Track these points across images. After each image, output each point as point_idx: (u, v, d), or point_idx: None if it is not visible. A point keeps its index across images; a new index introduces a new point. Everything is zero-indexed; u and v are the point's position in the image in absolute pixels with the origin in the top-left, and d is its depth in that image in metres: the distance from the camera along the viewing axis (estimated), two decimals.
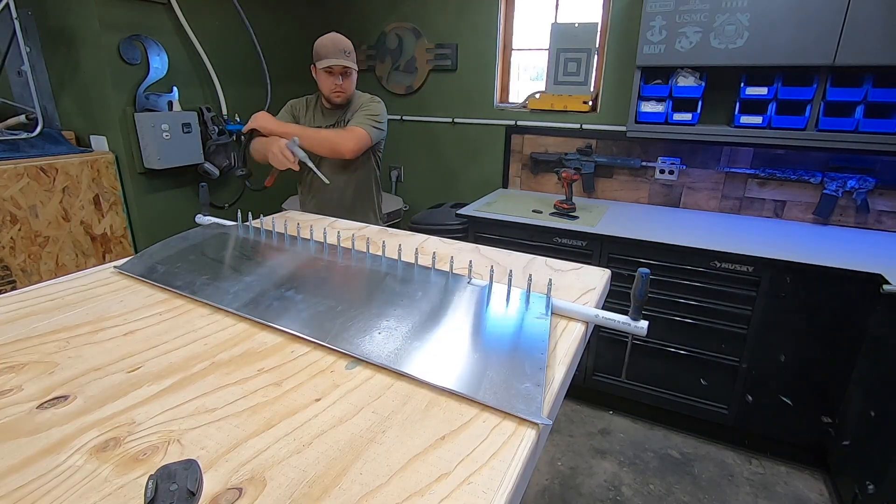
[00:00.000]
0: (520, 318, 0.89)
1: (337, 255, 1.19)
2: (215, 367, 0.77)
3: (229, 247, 1.24)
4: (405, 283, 1.03)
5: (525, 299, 0.94)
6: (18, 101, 2.19)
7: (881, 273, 1.70)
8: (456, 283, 1.02)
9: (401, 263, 1.12)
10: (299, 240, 1.27)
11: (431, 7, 2.87)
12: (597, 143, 2.67)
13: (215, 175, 2.52)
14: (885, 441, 1.60)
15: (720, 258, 1.97)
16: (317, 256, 1.18)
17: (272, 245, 1.25)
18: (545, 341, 0.79)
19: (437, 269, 1.08)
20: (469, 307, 0.94)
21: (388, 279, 1.05)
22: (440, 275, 1.06)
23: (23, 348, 0.81)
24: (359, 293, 1.00)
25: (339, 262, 1.15)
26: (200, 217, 1.46)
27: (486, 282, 1.01)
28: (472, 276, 1.04)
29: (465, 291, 0.99)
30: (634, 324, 0.84)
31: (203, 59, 2.45)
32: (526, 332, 0.84)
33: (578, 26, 2.56)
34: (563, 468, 2.08)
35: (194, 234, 1.31)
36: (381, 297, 0.96)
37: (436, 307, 0.93)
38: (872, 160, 2.16)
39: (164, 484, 0.53)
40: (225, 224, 1.39)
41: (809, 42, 1.90)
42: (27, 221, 1.94)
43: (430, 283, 1.03)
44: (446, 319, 0.89)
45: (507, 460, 0.58)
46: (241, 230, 1.34)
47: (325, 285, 1.03)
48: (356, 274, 1.10)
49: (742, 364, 2.04)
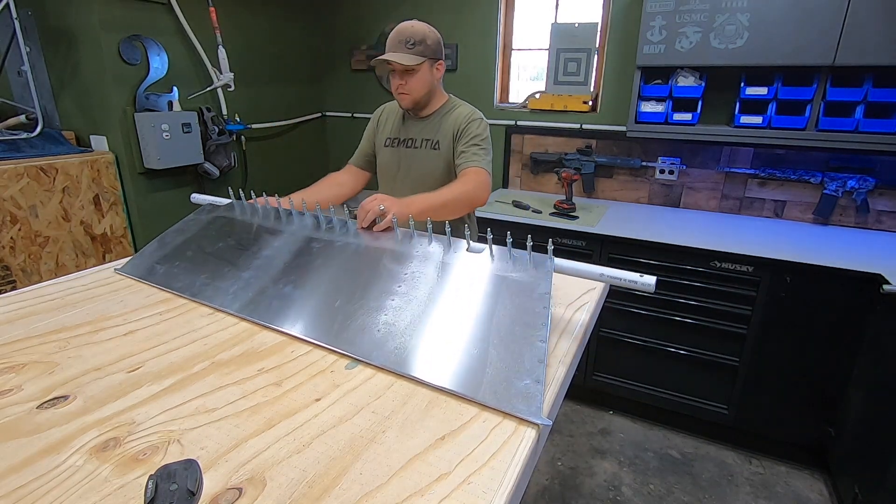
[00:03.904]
0: (521, 294, 0.85)
1: (334, 231, 1.13)
2: (215, 367, 0.77)
3: (225, 235, 1.21)
4: (402, 260, 0.99)
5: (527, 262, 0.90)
6: (18, 101, 2.19)
7: (881, 273, 1.70)
8: (454, 252, 0.98)
9: (397, 233, 1.08)
10: (295, 216, 1.22)
11: (431, 7, 2.87)
12: (597, 143, 2.67)
13: (215, 175, 2.52)
14: (885, 441, 1.60)
15: (720, 258, 1.97)
16: (312, 236, 1.13)
17: (268, 227, 1.20)
18: (546, 326, 0.77)
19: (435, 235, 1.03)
20: (467, 285, 0.90)
21: (385, 257, 1.01)
22: (437, 243, 1.01)
23: (23, 348, 0.82)
24: (356, 280, 0.97)
25: (336, 240, 1.10)
26: (196, 196, 1.42)
27: (485, 246, 0.97)
28: (469, 242, 0.99)
29: (465, 262, 0.95)
30: (641, 280, 0.82)
31: (203, 58, 2.45)
32: (527, 314, 0.81)
33: (578, 26, 2.56)
34: (563, 468, 2.08)
35: (189, 223, 1.29)
36: (379, 284, 0.94)
37: (434, 288, 0.90)
38: (872, 160, 2.16)
39: (164, 484, 0.53)
40: (219, 203, 1.35)
41: (809, 42, 1.90)
42: (27, 221, 1.94)
43: (428, 255, 0.99)
44: (445, 304, 0.87)
45: (507, 460, 0.58)
46: (236, 209, 1.30)
47: (322, 275, 1.00)
48: (353, 254, 1.05)
49: (742, 364, 2.04)
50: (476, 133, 1.53)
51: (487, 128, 1.57)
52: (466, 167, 1.49)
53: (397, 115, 1.67)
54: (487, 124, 1.58)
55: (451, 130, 1.56)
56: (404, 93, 1.52)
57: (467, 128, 1.54)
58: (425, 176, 1.60)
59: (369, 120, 1.74)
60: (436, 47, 1.51)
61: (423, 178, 1.60)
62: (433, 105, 1.60)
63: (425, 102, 1.57)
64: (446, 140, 1.56)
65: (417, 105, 1.56)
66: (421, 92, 1.53)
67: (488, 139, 1.56)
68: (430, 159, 1.59)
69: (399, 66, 1.46)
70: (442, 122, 1.58)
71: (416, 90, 1.51)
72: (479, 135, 1.54)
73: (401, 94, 1.53)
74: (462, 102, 1.63)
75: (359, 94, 3.27)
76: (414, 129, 1.62)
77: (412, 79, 1.49)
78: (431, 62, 1.51)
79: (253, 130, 2.82)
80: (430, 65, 1.51)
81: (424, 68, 1.49)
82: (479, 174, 1.47)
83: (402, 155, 1.63)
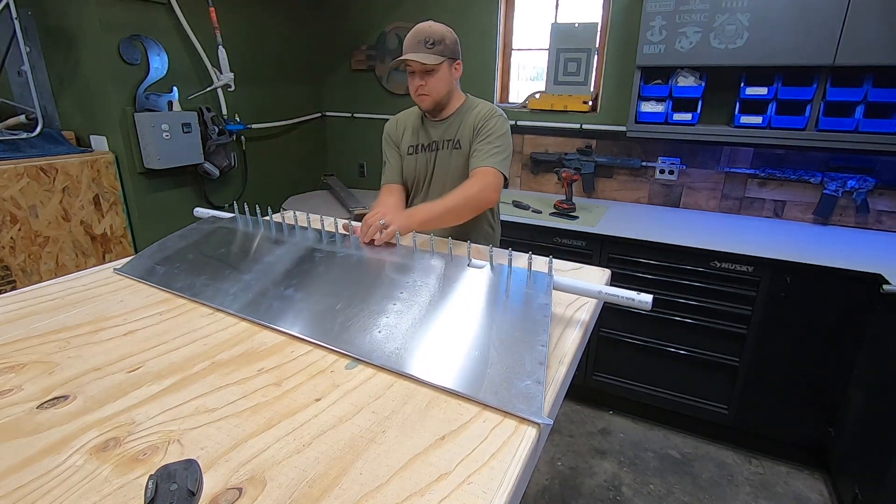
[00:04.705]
0: (521, 304, 0.87)
1: (336, 243, 1.15)
2: (215, 367, 0.77)
3: (227, 243, 1.22)
4: (404, 271, 1.00)
5: (527, 279, 0.92)
6: (18, 101, 2.19)
7: (881, 273, 1.70)
8: (455, 267, 0.99)
9: (399, 248, 1.10)
10: (297, 229, 1.23)
11: (431, 7, 2.87)
12: (597, 143, 2.67)
13: (215, 175, 2.52)
14: (885, 441, 1.60)
15: (720, 258, 1.97)
16: (315, 247, 1.15)
17: (270, 237, 1.22)
18: (546, 332, 0.78)
19: (437, 251, 1.05)
20: (469, 295, 0.92)
21: (388, 268, 1.03)
22: (439, 258, 1.03)
23: (23, 348, 0.81)
24: (358, 287, 0.98)
25: (338, 251, 1.12)
26: (199, 210, 1.45)
27: (485, 262, 0.98)
28: (471, 258, 1.01)
29: (465, 276, 0.97)
30: (639, 297, 0.84)
31: (203, 58, 2.45)
32: (527, 321, 0.82)
33: (578, 26, 2.56)
34: (563, 468, 2.08)
35: (191, 231, 1.30)
36: (381, 290, 0.95)
37: (435, 297, 0.91)
38: (872, 160, 2.16)
39: (164, 484, 0.53)
40: (222, 217, 1.37)
41: (809, 42, 1.90)
42: (27, 221, 1.94)
43: (430, 268, 1.00)
44: (446, 311, 0.88)
45: (507, 460, 0.58)
46: (239, 222, 1.32)
47: (324, 280, 1.02)
48: (355, 264, 1.07)
49: (742, 364, 2.04)
50: (492, 130, 1.50)
51: (506, 124, 1.53)
52: (476, 167, 1.48)
53: (414, 122, 1.64)
54: (507, 121, 1.55)
55: (471, 128, 1.53)
56: (425, 94, 1.49)
57: (485, 125, 1.51)
58: (451, 177, 1.57)
59: (384, 138, 1.69)
60: (454, 47, 1.49)
61: (449, 180, 1.57)
62: (452, 106, 1.57)
63: (445, 103, 1.54)
64: (466, 138, 1.54)
65: (437, 106, 1.53)
66: (441, 92, 1.50)
67: (506, 136, 1.52)
68: (454, 159, 1.57)
69: (419, 66, 1.44)
70: (462, 121, 1.56)
71: (436, 90, 1.48)
72: (496, 132, 1.50)
73: (420, 95, 1.50)
74: (480, 101, 1.59)
75: (359, 94, 3.27)
76: (434, 132, 1.59)
77: (432, 79, 1.47)
78: (450, 62, 1.49)
79: (253, 130, 2.82)
80: (449, 64, 1.48)
81: (444, 68, 1.47)
82: (487, 175, 1.45)
83: (427, 159, 1.60)
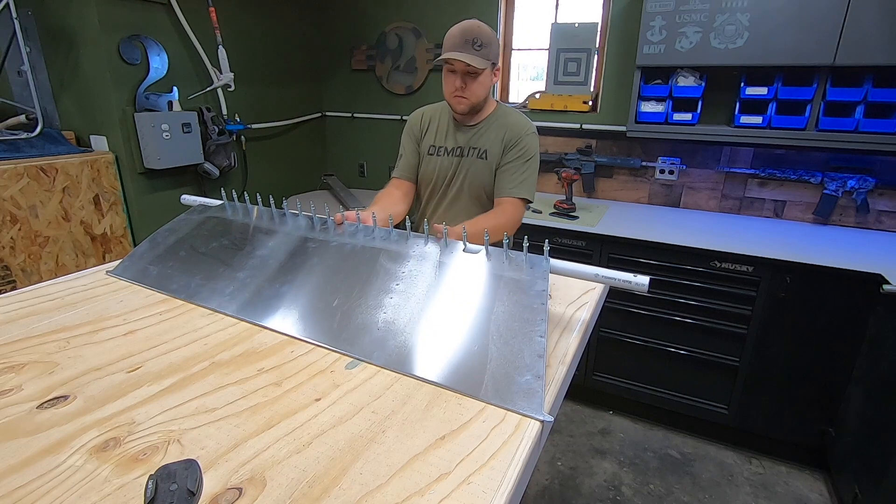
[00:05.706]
0: (519, 291, 0.85)
1: (328, 230, 1.12)
2: (215, 367, 0.77)
3: (218, 235, 1.19)
4: (399, 259, 0.98)
5: (524, 263, 0.90)
6: (18, 101, 2.19)
7: (881, 273, 1.70)
8: (450, 253, 0.98)
9: (394, 234, 1.06)
10: (288, 216, 1.20)
11: (431, 7, 2.86)
12: (597, 143, 2.67)
13: (215, 175, 2.52)
14: (885, 441, 1.60)
15: (720, 258, 1.97)
16: (307, 235, 1.12)
17: (261, 227, 1.18)
18: (545, 321, 0.77)
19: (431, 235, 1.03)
20: (466, 283, 0.90)
21: (382, 257, 1.00)
22: (434, 243, 1.01)
23: (23, 348, 0.81)
24: (354, 279, 0.96)
25: (331, 240, 1.09)
26: (186, 197, 1.39)
27: (481, 247, 0.96)
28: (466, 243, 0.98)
29: (461, 262, 0.95)
30: (636, 279, 0.82)
31: (203, 58, 2.45)
32: (525, 310, 0.81)
33: (578, 26, 2.56)
34: (563, 468, 2.08)
35: (181, 222, 1.27)
36: (377, 282, 0.93)
37: (432, 287, 0.90)
38: (872, 160, 2.16)
39: (164, 484, 0.53)
40: (210, 204, 1.33)
41: (809, 42, 1.90)
42: (27, 221, 1.94)
43: (425, 255, 0.98)
44: (443, 302, 0.86)
45: (507, 460, 0.58)
46: (228, 210, 1.28)
47: (319, 274, 0.99)
48: (349, 255, 1.04)
49: (742, 364, 2.04)
50: (524, 150, 1.44)
51: (537, 141, 1.48)
52: (504, 196, 1.42)
53: (442, 121, 1.55)
54: (537, 136, 1.49)
55: (501, 140, 1.46)
56: (463, 97, 1.40)
57: (518, 142, 1.44)
58: (473, 185, 1.52)
59: (406, 128, 1.60)
60: (497, 52, 1.42)
61: (471, 189, 1.52)
62: (484, 112, 1.50)
63: (479, 109, 1.47)
64: (495, 150, 1.47)
65: (473, 110, 1.46)
66: (480, 97, 1.42)
67: (536, 157, 1.47)
68: (478, 168, 1.50)
69: (464, 66, 1.34)
70: (490, 129, 1.49)
71: (475, 94, 1.40)
72: (527, 153, 1.44)
73: (458, 97, 1.41)
74: (512, 110, 1.52)
75: (359, 95, 3.27)
76: (461, 136, 1.51)
77: (474, 83, 1.38)
78: (492, 66, 1.41)
79: (253, 130, 2.82)
80: (491, 69, 1.41)
81: (487, 73, 1.39)
82: (517, 209, 1.41)
83: (451, 165, 1.52)
